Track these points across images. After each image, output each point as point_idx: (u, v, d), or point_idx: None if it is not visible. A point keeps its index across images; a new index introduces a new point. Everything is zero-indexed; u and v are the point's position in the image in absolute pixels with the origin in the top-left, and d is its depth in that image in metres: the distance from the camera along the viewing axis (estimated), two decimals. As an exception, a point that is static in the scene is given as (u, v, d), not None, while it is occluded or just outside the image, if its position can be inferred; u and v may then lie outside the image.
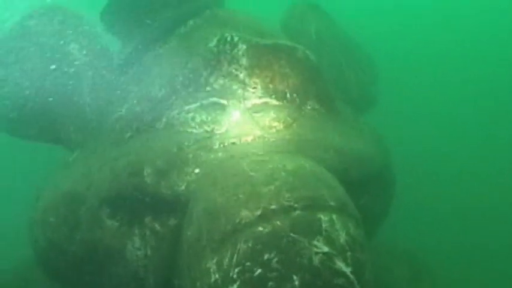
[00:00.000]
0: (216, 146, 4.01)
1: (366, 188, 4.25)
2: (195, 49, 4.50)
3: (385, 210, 5.06)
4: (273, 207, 3.38)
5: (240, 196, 3.47)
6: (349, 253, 3.33)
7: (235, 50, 4.43)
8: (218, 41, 4.45)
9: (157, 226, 4.03)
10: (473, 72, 14.49)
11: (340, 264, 3.28)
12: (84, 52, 5.02)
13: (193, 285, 3.49)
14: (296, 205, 3.40)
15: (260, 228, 3.31)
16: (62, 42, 5.08)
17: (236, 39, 4.46)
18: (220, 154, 3.93)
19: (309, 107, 4.48)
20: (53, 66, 5.07)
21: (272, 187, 3.47)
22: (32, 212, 4.61)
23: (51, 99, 5.00)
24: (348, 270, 3.29)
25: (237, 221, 3.37)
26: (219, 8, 5.24)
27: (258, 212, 3.36)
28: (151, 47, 4.75)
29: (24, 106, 5.06)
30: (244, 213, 3.38)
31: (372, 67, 6.48)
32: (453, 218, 9.62)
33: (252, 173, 3.65)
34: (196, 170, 3.87)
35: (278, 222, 3.32)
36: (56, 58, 5.08)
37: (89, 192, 4.17)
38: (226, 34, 4.49)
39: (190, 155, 3.96)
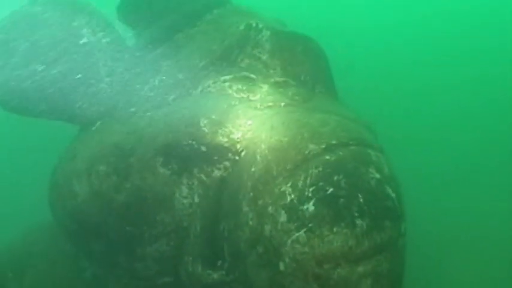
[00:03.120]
0: (259, 106, 4.62)
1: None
2: (228, 30, 5.14)
3: None
4: (333, 142, 4.05)
5: (305, 135, 4.10)
6: (392, 183, 4.07)
7: (260, 36, 5.15)
8: (246, 26, 5.14)
9: (203, 177, 4.45)
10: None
11: (389, 190, 4.01)
12: (98, 36, 5.36)
13: (263, 212, 3.96)
14: (351, 142, 4.10)
15: (327, 157, 3.95)
16: (74, 24, 5.39)
17: (261, 26, 5.18)
18: (266, 111, 4.53)
19: (317, 90, 5.27)
20: (65, 49, 5.34)
21: (328, 128, 4.16)
22: (69, 166, 4.71)
23: (62, 81, 5.25)
24: (393, 195, 4.03)
25: (306, 152, 3.98)
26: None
27: (323, 146, 4.01)
28: (181, 29, 5.29)
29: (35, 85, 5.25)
30: (312, 146, 4.01)
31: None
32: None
33: (306, 120, 4.31)
34: (249, 122, 4.41)
35: (340, 153, 3.99)
36: (68, 42, 5.36)
37: (141, 143, 4.48)
38: (252, 21, 5.21)
39: (240, 111, 4.51)
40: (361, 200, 3.81)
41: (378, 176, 3.95)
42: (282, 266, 3.87)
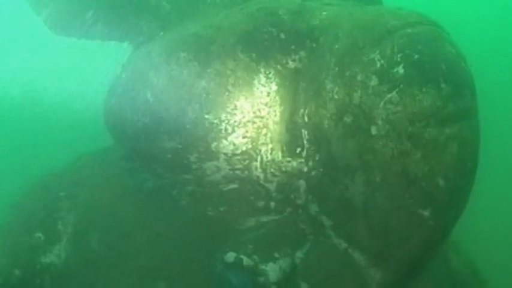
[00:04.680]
0: (329, 3, 4.83)
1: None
2: None
3: None
4: (411, 20, 4.31)
5: (385, 15, 4.35)
6: (465, 61, 4.34)
7: None
8: None
9: (279, 67, 4.61)
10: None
11: (464, 65, 4.28)
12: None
13: (351, 81, 4.15)
14: (426, 21, 4.37)
15: (409, 30, 4.20)
16: None
17: None
18: (337, 7, 4.76)
19: None
20: None
21: (404, 12, 4.43)
22: (143, 61, 4.76)
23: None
24: (468, 70, 4.29)
25: (389, 26, 4.23)
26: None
27: (403, 22, 4.26)
28: None
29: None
30: (394, 22, 4.26)
31: None
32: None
33: (380, 8, 4.58)
34: (324, 13, 4.63)
35: (420, 28, 4.26)
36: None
37: (219, 32, 4.61)
38: None
39: (314, 4, 4.72)
40: (444, 68, 4.05)
41: (453, 51, 4.21)
42: (374, 130, 4.02)
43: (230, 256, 4.56)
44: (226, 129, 4.56)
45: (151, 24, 5.30)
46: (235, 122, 4.54)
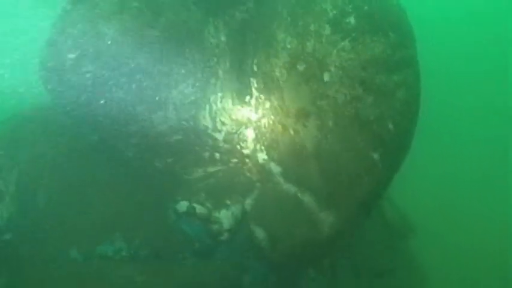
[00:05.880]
0: None
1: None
2: None
3: None
4: None
5: None
6: (405, 12, 4.60)
7: None
8: None
9: (227, 18, 4.68)
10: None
11: (405, 17, 4.53)
12: None
13: (304, 31, 4.29)
14: None
15: None
16: None
17: None
18: None
19: None
20: None
21: None
22: (90, 12, 4.60)
23: None
24: (410, 24, 4.56)
25: None
26: None
27: None
28: None
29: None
30: None
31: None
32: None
33: None
34: None
35: None
36: None
37: None
38: None
39: None
40: (390, 19, 4.31)
41: (396, 4, 4.47)
42: (327, 77, 4.21)
43: (183, 205, 4.59)
44: (177, 79, 4.55)
45: None
46: (186, 71, 4.54)
